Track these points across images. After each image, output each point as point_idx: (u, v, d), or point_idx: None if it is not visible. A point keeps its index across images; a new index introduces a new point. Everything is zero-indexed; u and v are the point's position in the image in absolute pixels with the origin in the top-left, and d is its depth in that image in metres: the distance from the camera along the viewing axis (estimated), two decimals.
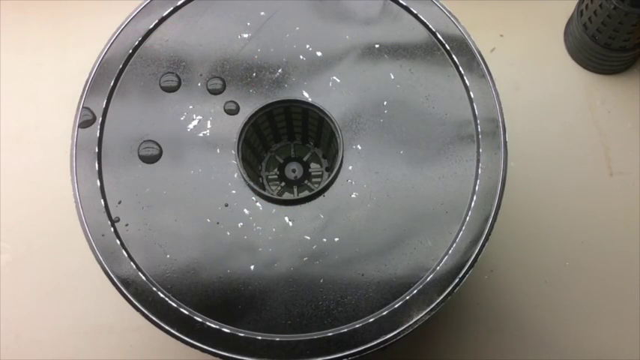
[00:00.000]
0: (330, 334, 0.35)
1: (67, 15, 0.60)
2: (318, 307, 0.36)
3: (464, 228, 0.37)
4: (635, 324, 0.52)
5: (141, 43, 0.40)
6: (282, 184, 0.44)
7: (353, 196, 0.38)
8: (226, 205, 0.38)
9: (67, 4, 0.60)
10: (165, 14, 0.41)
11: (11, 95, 0.57)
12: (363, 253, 0.37)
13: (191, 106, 0.39)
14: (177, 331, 0.35)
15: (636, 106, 0.57)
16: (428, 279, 0.36)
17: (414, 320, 0.35)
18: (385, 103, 0.40)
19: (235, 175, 0.38)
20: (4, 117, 0.57)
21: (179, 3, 0.41)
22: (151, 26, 0.41)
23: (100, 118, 0.39)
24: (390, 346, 0.36)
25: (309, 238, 0.37)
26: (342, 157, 0.39)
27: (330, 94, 0.40)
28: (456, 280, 0.36)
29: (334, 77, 0.40)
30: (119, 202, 0.37)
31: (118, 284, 0.36)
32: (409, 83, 0.40)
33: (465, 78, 0.40)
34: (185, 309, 0.36)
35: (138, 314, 0.36)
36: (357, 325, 0.36)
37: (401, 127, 0.39)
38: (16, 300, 0.52)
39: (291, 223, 0.38)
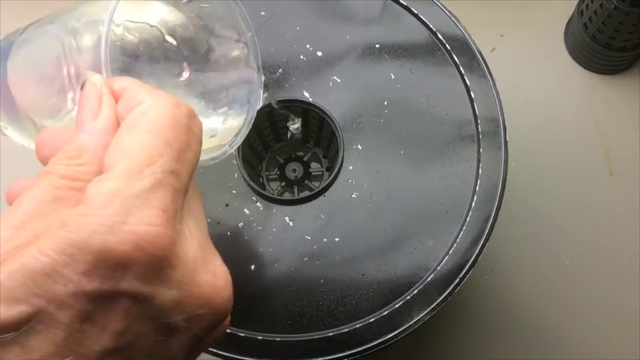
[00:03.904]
0: (330, 334, 0.35)
1: None
2: (319, 307, 0.36)
3: (464, 228, 0.37)
4: (635, 324, 0.51)
5: None
6: (283, 184, 0.44)
7: (353, 196, 0.38)
8: (227, 205, 0.38)
9: (67, 5, 0.60)
10: None
11: None
12: (364, 253, 0.37)
13: None
14: None
15: (636, 106, 0.57)
16: (428, 279, 0.36)
17: (414, 320, 0.35)
18: (386, 103, 0.40)
19: (236, 175, 0.38)
20: None
21: None
22: None
23: None
24: (390, 346, 0.36)
25: (309, 238, 0.37)
26: (343, 157, 0.38)
27: (330, 94, 0.40)
28: (457, 280, 0.36)
29: (335, 77, 0.40)
30: None
31: None
32: (410, 83, 0.40)
33: (465, 78, 0.39)
34: None
35: None
36: (357, 325, 0.35)
37: (401, 127, 0.39)
38: None
39: (291, 223, 0.38)
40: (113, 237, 0.19)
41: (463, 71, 0.40)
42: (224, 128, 0.32)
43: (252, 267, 0.37)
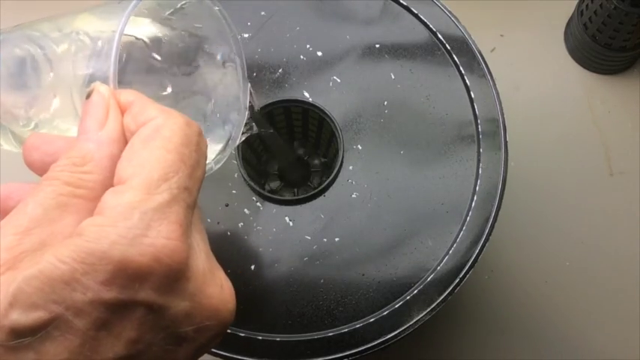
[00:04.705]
0: (330, 334, 0.35)
1: None
2: (319, 307, 0.36)
3: (464, 228, 0.37)
4: (635, 324, 0.52)
5: None
6: (283, 183, 0.44)
7: (353, 196, 0.38)
8: (227, 205, 0.38)
9: (67, 5, 0.60)
10: None
11: None
12: (364, 253, 0.37)
13: None
14: None
15: (636, 106, 0.57)
16: (428, 279, 0.36)
17: (414, 320, 0.35)
18: (386, 103, 0.40)
19: (235, 175, 0.38)
20: None
21: None
22: None
23: None
24: (390, 346, 0.36)
25: (309, 238, 0.37)
26: (343, 157, 0.38)
27: (330, 94, 0.40)
28: (457, 280, 0.36)
29: (335, 77, 0.40)
30: None
31: None
32: (410, 83, 0.40)
33: (465, 78, 0.39)
34: None
35: None
36: (357, 325, 0.35)
37: (401, 127, 0.39)
38: None
39: (291, 223, 0.38)
40: (133, 249, 0.20)
41: (463, 71, 0.40)
42: (208, 145, 0.32)
43: (252, 267, 0.37)
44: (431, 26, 0.41)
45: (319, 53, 0.41)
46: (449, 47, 0.40)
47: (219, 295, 0.23)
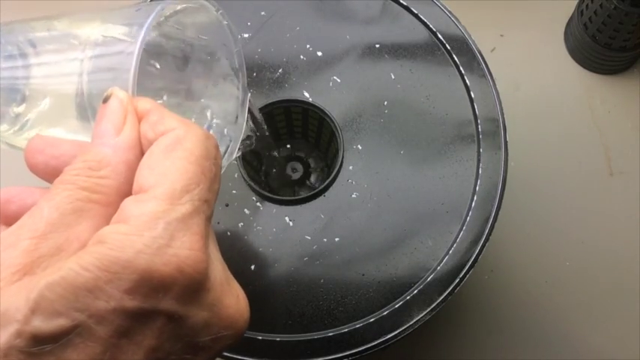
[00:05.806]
0: (330, 334, 0.35)
1: None
2: (319, 307, 0.36)
3: (464, 228, 0.37)
4: (635, 324, 0.52)
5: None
6: (283, 184, 0.44)
7: (353, 196, 0.38)
8: (227, 205, 0.38)
9: (68, 5, 0.60)
10: None
11: None
12: (364, 253, 0.37)
13: None
14: None
15: (636, 106, 0.57)
16: (428, 279, 0.36)
17: (414, 320, 0.35)
18: (386, 102, 0.40)
19: (236, 175, 0.38)
20: None
21: None
22: None
23: None
24: (390, 346, 0.36)
25: (309, 238, 0.37)
26: (343, 157, 0.39)
27: (330, 94, 0.40)
28: (457, 280, 0.36)
29: (335, 77, 0.40)
30: None
31: None
32: (410, 83, 0.40)
33: (465, 78, 0.39)
34: None
35: None
36: (357, 325, 0.35)
37: (401, 127, 0.39)
38: None
39: (291, 223, 0.38)
40: (158, 258, 0.20)
41: (463, 71, 0.40)
42: None
43: (252, 267, 0.37)
44: (431, 26, 0.41)
45: (319, 53, 0.41)
46: (449, 47, 0.40)
47: (235, 305, 0.23)
